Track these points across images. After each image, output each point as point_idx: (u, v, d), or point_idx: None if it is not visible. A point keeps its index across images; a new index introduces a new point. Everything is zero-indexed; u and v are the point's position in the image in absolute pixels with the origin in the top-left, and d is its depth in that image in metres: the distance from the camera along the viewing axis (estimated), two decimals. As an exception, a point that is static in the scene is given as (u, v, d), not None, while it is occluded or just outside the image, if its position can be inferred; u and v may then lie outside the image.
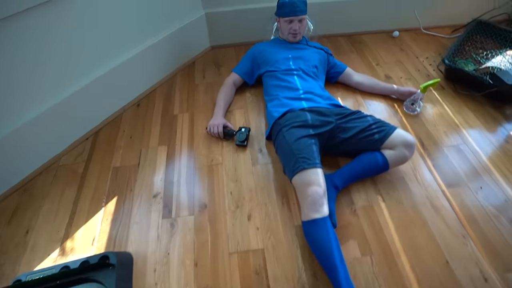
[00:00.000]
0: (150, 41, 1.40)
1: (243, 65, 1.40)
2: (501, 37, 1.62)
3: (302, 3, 1.27)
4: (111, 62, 1.29)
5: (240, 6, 1.60)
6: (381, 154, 1.04)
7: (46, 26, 1.03)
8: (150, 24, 1.38)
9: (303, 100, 1.11)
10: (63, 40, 1.09)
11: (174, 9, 1.46)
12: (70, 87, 1.18)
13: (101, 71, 1.25)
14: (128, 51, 1.34)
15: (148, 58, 1.42)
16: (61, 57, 1.11)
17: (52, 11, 1.03)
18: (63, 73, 1.14)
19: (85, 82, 1.21)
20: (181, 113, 1.38)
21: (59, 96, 1.15)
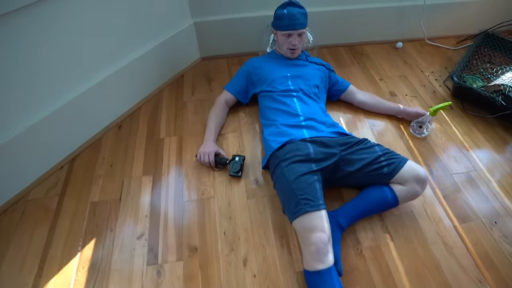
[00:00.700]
0: (134, 54, 1.26)
1: (236, 82, 1.27)
2: (510, 50, 1.54)
3: (302, 15, 1.15)
4: (90, 79, 1.14)
5: (232, 14, 1.46)
6: (390, 190, 0.94)
7: (13, 41, 0.88)
8: (134, 35, 1.24)
9: (304, 128, 1.00)
10: (30, 58, 0.94)
11: (160, 18, 1.31)
12: (43, 109, 1.04)
13: (78, 90, 1.11)
14: (110, 66, 1.20)
15: (133, 73, 1.28)
16: (30, 77, 0.96)
17: (17, 26, 0.88)
18: (34, 94, 1.00)
19: (60, 102, 1.07)
20: (168, 137, 1.25)
21: (30, 120, 1.01)
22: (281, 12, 1.15)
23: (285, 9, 1.15)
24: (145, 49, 1.30)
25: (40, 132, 1.04)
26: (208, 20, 1.45)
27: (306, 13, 1.18)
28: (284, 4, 1.17)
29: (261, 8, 1.47)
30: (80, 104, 1.13)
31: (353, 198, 1.00)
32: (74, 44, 1.05)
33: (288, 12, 1.13)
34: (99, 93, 1.18)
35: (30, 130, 1.01)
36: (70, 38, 1.03)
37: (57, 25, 0.98)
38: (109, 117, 1.27)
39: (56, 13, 0.96)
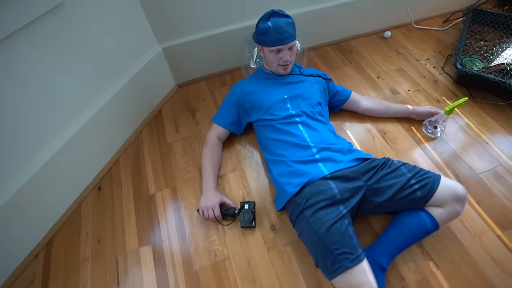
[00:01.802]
0: (102, 100, 1.05)
1: (226, 112, 1.09)
2: (499, 23, 1.46)
3: (290, 26, 0.98)
4: (53, 142, 0.94)
5: (204, 32, 1.27)
6: (427, 214, 0.83)
7: None
8: (96, 81, 1.03)
9: (320, 161, 0.85)
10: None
11: (124, 53, 1.10)
12: (2, 189, 0.83)
13: (41, 159, 0.90)
14: (75, 120, 0.99)
15: (103, 121, 1.07)
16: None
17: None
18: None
19: (21, 179, 0.86)
20: (159, 191, 1.06)
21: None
22: (265, 26, 0.98)
23: (269, 21, 0.98)
24: (113, 91, 1.09)
25: (2, 219, 0.83)
26: (178, 43, 1.25)
27: (294, 22, 1.01)
28: (266, 16, 1.00)
29: (237, 20, 1.29)
30: (47, 174, 0.92)
31: (386, 228, 0.89)
32: (28, 103, 0.84)
33: (274, 24, 0.96)
34: (68, 155, 0.97)
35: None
36: (22, 94, 0.81)
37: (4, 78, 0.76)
38: (84, 179, 1.06)
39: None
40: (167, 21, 1.18)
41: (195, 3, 1.17)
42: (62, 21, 0.87)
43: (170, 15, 1.17)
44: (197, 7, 1.18)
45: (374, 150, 1.11)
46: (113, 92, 1.09)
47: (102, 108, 1.05)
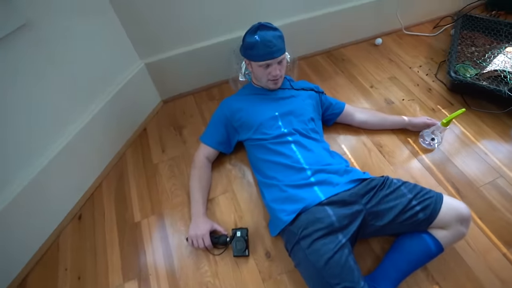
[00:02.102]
0: (83, 120, 0.98)
1: (214, 131, 1.03)
2: (488, 29, 1.45)
3: (278, 39, 0.93)
4: (30, 166, 0.86)
5: (186, 47, 1.20)
6: (431, 238, 0.78)
7: None
8: (73, 102, 0.96)
9: (316, 185, 0.80)
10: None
11: (104, 70, 1.03)
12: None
13: (14, 190, 0.82)
14: (54, 143, 0.92)
15: (84, 143, 0.99)
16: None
17: None
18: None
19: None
20: (145, 218, 0.99)
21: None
22: (253, 40, 0.92)
23: (256, 34, 0.93)
24: (92, 111, 1.01)
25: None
26: (162, 58, 1.18)
27: (282, 35, 0.96)
28: (253, 29, 0.95)
29: (223, 33, 1.23)
30: (20, 204, 0.84)
31: (387, 252, 0.83)
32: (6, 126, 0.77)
33: (261, 38, 0.91)
34: (44, 183, 0.89)
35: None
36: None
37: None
38: (63, 208, 0.98)
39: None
40: (148, 36, 1.11)
41: (178, 17, 1.11)
42: (30, 41, 0.79)
43: (152, 29, 1.10)
44: (180, 20, 1.12)
45: (371, 165, 1.06)
46: (93, 113, 1.02)
47: (82, 130, 0.98)
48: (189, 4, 1.09)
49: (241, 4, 1.18)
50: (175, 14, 1.09)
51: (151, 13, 1.06)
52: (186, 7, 1.09)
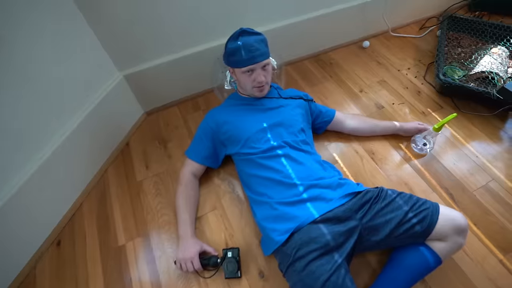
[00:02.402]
0: (54, 142, 0.91)
1: (200, 146, 0.98)
2: (474, 29, 1.45)
3: (260, 43, 0.89)
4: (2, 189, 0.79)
5: (167, 56, 1.15)
6: (429, 250, 0.75)
7: None
8: (47, 119, 0.89)
9: (308, 201, 0.76)
10: None
11: (81, 84, 0.97)
12: None
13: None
14: (28, 163, 0.85)
15: (58, 166, 0.92)
16: None
17: None
18: None
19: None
20: (130, 241, 0.93)
21: None
22: (234, 45, 0.88)
23: (238, 40, 0.89)
24: (69, 128, 0.95)
25: None
26: (142, 69, 1.12)
27: (265, 39, 0.92)
28: (235, 35, 0.91)
29: (206, 40, 1.18)
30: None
31: (384, 266, 0.80)
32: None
33: (243, 43, 0.87)
34: (18, 208, 0.82)
35: None
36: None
37: None
38: (40, 234, 0.91)
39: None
40: (126, 47, 1.05)
41: (158, 26, 1.05)
42: (1, 57, 0.73)
43: (130, 40, 1.04)
44: (160, 29, 1.06)
45: (363, 173, 1.04)
46: (70, 130, 0.95)
47: (58, 148, 0.91)
48: (169, 12, 1.04)
49: (225, 11, 1.13)
50: (154, 23, 1.04)
51: (127, 23, 1.00)
52: (166, 15, 1.04)
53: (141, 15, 1.00)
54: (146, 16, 1.01)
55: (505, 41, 1.35)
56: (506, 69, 1.25)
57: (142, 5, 0.98)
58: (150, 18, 1.02)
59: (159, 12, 1.02)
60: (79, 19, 0.92)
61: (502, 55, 1.29)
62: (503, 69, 1.24)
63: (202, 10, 1.09)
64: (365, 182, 1.01)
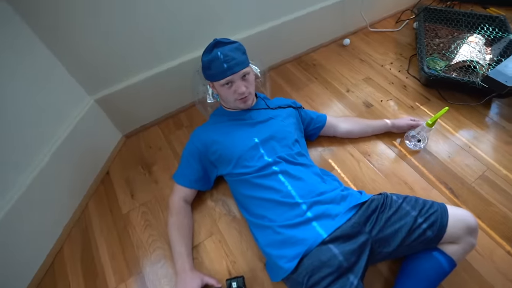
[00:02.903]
0: (24, 181, 0.80)
1: (189, 169, 0.90)
2: (449, 20, 1.47)
3: (237, 51, 0.83)
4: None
5: (142, 74, 1.05)
6: (442, 255, 0.72)
7: None
8: (11, 157, 0.78)
9: (313, 220, 0.70)
10: None
11: (44, 118, 0.86)
12: None
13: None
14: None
15: (31, 207, 0.81)
16: None
17: None
18: None
19: None
20: (121, 283, 0.83)
21: None
22: (209, 58, 0.82)
23: (212, 52, 0.83)
24: (39, 164, 0.84)
25: None
26: (116, 90, 1.02)
27: (242, 47, 0.86)
28: (209, 47, 0.84)
29: (183, 53, 1.10)
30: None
31: (398, 276, 0.77)
32: None
33: (217, 54, 0.81)
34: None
35: None
36: None
37: None
38: (18, 285, 0.80)
39: None
40: (94, 70, 0.95)
41: (128, 43, 0.96)
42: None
43: (97, 62, 0.94)
44: (130, 46, 0.97)
45: (362, 177, 1.00)
46: (40, 166, 0.84)
47: (28, 190, 0.80)
48: (137, 30, 0.94)
49: (198, 21, 1.06)
50: (122, 43, 0.94)
51: (93, 45, 0.90)
52: (135, 33, 0.95)
53: (108, 35, 0.91)
54: (112, 35, 0.92)
55: (479, 29, 1.37)
56: (484, 56, 1.27)
57: (107, 24, 0.89)
58: (117, 38, 0.93)
59: (126, 31, 0.93)
60: (36, 43, 0.82)
61: (479, 43, 1.31)
62: (481, 57, 1.26)
63: (174, 24, 1.01)
64: (365, 187, 0.98)
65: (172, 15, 0.98)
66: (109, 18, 0.88)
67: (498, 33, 1.32)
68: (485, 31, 1.35)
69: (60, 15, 0.81)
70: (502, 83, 1.04)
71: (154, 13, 0.94)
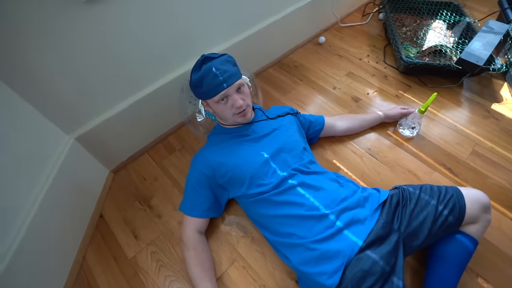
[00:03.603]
0: (6, 243, 0.67)
1: (198, 197, 0.83)
2: (411, 9, 1.55)
3: (226, 63, 0.78)
4: None
5: (122, 103, 0.95)
6: (465, 236, 0.75)
7: None
8: None
9: (345, 229, 0.68)
10: None
11: (23, 166, 0.73)
12: None
13: None
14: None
15: (17, 274, 0.69)
16: None
17: None
18: None
19: None
20: (145, 338, 0.75)
21: None
22: (198, 75, 0.77)
23: (201, 69, 0.77)
24: (25, 218, 0.72)
25: None
26: (97, 124, 0.91)
27: (232, 59, 0.82)
28: (197, 64, 0.79)
29: (164, 74, 1.02)
30: None
31: (427, 266, 0.77)
32: None
33: (207, 70, 0.76)
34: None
35: None
36: None
37: None
38: None
39: None
40: (69, 107, 0.84)
41: (102, 76, 0.86)
42: None
43: (70, 98, 0.83)
44: (104, 78, 0.87)
45: (368, 172, 1.01)
46: (26, 224, 0.72)
47: (17, 252, 0.68)
48: (108, 58, 0.84)
49: (174, 39, 0.98)
50: (95, 74, 0.84)
51: (62, 81, 0.79)
52: (106, 62, 0.85)
53: (78, 70, 0.80)
54: (83, 70, 0.81)
55: (439, 15, 1.47)
56: (449, 40, 1.37)
57: (76, 60, 0.78)
58: (88, 72, 0.82)
59: (98, 63, 0.83)
60: (7, 94, 0.70)
61: (443, 28, 1.40)
62: (447, 40, 1.35)
63: (145, 50, 0.92)
64: (373, 181, 0.99)
65: (141, 42, 0.89)
66: (78, 53, 0.78)
67: (456, 17, 1.43)
68: (445, 16, 1.45)
69: (23, 55, 0.70)
70: (474, 63, 1.12)
71: (123, 42, 0.85)
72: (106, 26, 0.79)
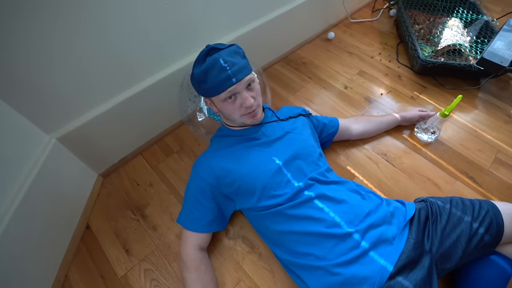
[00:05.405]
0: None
1: (200, 210, 0.73)
2: (424, 5, 1.46)
3: (235, 55, 0.67)
4: None
5: (112, 99, 0.84)
6: (502, 258, 0.67)
7: None
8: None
9: (371, 250, 0.59)
10: None
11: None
12: None
13: None
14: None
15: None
16: None
17: None
18: None
19: None
20: None
21: None
22: (204, 68, 0.65)
23: (205, 61, 0.66)
24: None
25: None
26: (80, 125, 0.79)
27: (241, 50, 0.71)
28: (202, 56, 0.68)
29: (161, 67, 0.91)
30: None
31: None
32: None
33: (213, 63, 0.64)
34: None
35: None
36: None
37: None
38: None
39: None
40: (51, 103, 0.72)
41: (93, 64, 0.74)
42: None
43: (51, 90, 0.71)
44: (96, 69, 0.76)
45: (386, 181, 0.93)
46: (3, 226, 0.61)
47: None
48: (100, 44, 0.73)
49: (174, 26, 0.87)
50: (82, 61, 0.73)
51: (38, 72, 0.67)
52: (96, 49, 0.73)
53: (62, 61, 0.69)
54: (67, 59, 0.70)
55: (455, 12, 1.39)
56: (466, 39, 1.29)
57: (60, 51, 0.67)
58: (73, 61, 0.71)
59: (85, 51, 0.72)
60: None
61: (460, 26, 1.33)
62: (464, 39, 1.27)
63: (141, 40, 0.81)
64: (391, 191, 0.90)
65: (136, 28, 0.78)
66: (60, 39, 0.66)
67: (473, 15, 1.35)
68: (461, 14, 1.38)
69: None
70: (498, 64, 1.04)
71: (115, 27, 0.73)
72: (94, 8, 0.68)
